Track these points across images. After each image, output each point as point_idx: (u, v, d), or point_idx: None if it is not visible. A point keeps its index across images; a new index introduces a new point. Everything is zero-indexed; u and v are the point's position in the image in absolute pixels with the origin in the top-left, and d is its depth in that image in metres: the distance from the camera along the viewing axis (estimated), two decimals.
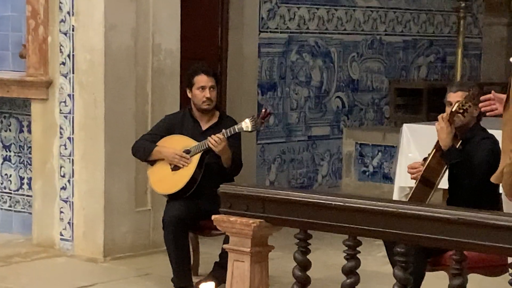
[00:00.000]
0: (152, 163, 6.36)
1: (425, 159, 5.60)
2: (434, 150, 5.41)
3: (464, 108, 5.36)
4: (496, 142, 5.50)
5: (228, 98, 8.94)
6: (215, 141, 6.06)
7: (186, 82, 6.42)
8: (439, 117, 5.39)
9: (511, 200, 4.71)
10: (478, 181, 5.31)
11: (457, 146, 5.41)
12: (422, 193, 5.38)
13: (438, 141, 5.42)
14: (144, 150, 6.36)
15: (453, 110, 5.34)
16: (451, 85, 5.85)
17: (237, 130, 6.17)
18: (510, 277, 3.63)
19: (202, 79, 6.28)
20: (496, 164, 5.39)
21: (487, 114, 5.13)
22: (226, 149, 6.13)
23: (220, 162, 6.19)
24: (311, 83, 9.73)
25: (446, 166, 5.42)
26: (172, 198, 6.27)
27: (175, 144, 6.28)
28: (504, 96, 4.95)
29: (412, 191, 5.48)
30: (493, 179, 4.87)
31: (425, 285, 5.30)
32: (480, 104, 5.12)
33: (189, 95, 6.37)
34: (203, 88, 6.27)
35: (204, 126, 6.37)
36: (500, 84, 10.89)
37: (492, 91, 5.05)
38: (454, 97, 5.47)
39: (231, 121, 6.36)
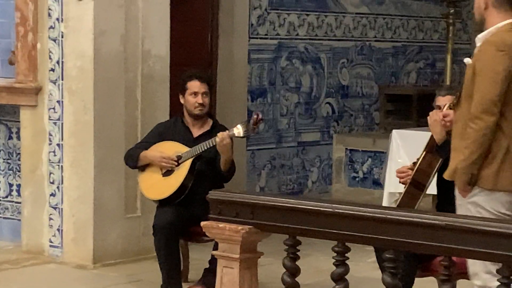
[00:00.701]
0: (143, 169, 6.36)
1: (414, 163, 5.61)
2: (425, 152, 5.42)
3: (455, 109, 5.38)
4: None
5: (218, 104, 8.95)
6: (222, 137, 6.03)
7: (179, 88, 6.42)
8: (432, 112, 5.41)
9: (465, 197, 4.76)
10: None
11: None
12: (412, 196, 5.39)
13: (428, 144, 5.43)
14: (131, 157, 6.38)
15: (445, 108, 5.35)
16: (440, 89, 5.87)
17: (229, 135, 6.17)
18: (499, 282, 3.65)
19: (195, 85, 6.29)
20: None
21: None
22: (229, 148, 6.12)
23: (212, 168, 6.20)
24: (301, 89, 9.75)
25: (436, 168, 5.42)
26: (162, 204, 6.27)
27: (167, 150, 6.29)
28: (450, 111, 5.09)
29: (402, 194, 5.48)
30: (446, 176, 4.95)
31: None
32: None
33: (182, 100, 6.38)
34: (195, 94, 6.28)
35: (196, 134, 6.37)
36: None
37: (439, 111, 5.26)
38: (443, 101, 5.47)
39: (224, 129, 6.36)
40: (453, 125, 4.94)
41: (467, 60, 4.94)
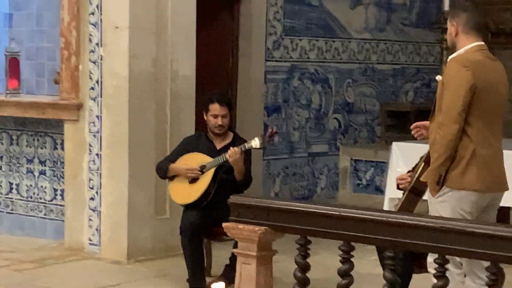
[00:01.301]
0: (172, 178, 6.37)
1: (410, 171, 5.57)
2: (423, 163, 5.38)
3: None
4: None
5: (237, 119, 8.95)
6: (232, 152, 6.06)
7: (203, 107, 6.42)
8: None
9: (434, 196, 4.82)
10: None
11: None
12: (411, 201, 5.35)
13: (427, 157, 5.39)
14: (161, 170, 6.40)
15: None
16: None
17: (247, 147, 6.17)
18: (487, 279, 3.62)
19: (216, 108, 6.29)
20: None
21: (417, 138, 5.28)
22: (240, 162, 6.13)
23: (232, 176, 6.19)
24: (311, 106, 9.74)
25: None
26: (188, 207, 6.27)
27: (192, 160, 6.29)
28: (427, 123, 5.10)
29: (402, 200, 5.45)
30: (422, 178, 4.98)
31: (412, 286, 5.28)
32: (413, 132, 5.26)
33: (205, 117, 6.39)
34: (216, 116, 6.29)
35: (219, 146, 6.37)
36: None
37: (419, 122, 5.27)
38: None
39: (243, 142, 6.36)
40: (430, 135, 4.96)
41: (438, 77, 5.00)
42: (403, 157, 7.20)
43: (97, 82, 7.28)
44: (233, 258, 5.71)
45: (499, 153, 4.91)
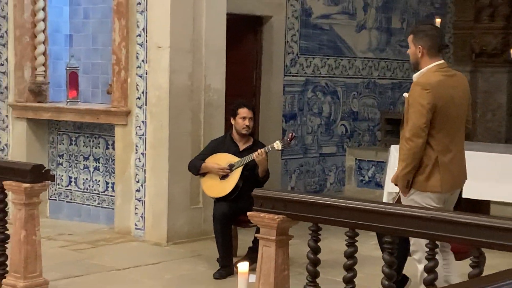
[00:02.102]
0: (204, 175, 6.38)
1: None
2: None
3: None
4: None
5: (260, 125, 8.95)
6: (259, 153, 6.09)
7: (231, 112, 6.42)
8: None
9: (405, 196, 4.82)
10: None
11: None
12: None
13: None
14: (194, 167, 6.40)
15: None
16: None
17: (270, 149, 6.18)
18: (471, 261, 3.61)
19: (244, 111, 6.30)
20: None
21: None
22: (264, 161, 6.15)
23: (254, 173, 6.20)
24: (322, 114, 9.72)
25: None
26: (219, 199, 6.28)
27: (221, 159, 6.30)
28: None
29: (398, 194, 5.42)
30: (391, 180, 5.02)
31: (407, 266, 5.26)
32: None
33: (232, 122, 6.39)
34: (244, 118, 6.29)
35: (241, 147, 6.38)
36: None
37: None
38: None
39: (261, 145, 6.38)
40: (400, 141, 4.97)
41: (405, 95, 4.99)
42: None
43: (143, 93, 7.31)
44: (255, 242, 5.71)
45: (458, 155, 4.90)
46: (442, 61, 4.90)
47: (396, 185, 4.95)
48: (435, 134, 4.74)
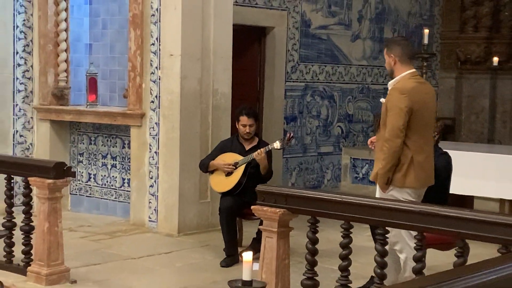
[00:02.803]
0: (212, 172, 6.37)
1: None
2: None
3: (433, 135, 5.34)
4: (449, 156, 5.46)
5: (264, 126, 8.95)
6: (258, 153, 6.08)
7: (236, 117, 6.42)
8: None
9: (384, 192, 4.85)
10: (438, 181, 5.28)
11: None
12: None
13: None
14: (204, 165, 6.38)
15: None
16: None
17: (270, 148, 6.17)
18: (456, 251, 3.60)
19: (244, 119, 6.27)
20: (450, 171, 5.38)
21: (372, 149, 5.34)
22: (264, 160, 6.13)
23: (258, 171, 6.19)
24: (320, 116, 9.71)
25: None
26: (225, 194, 6.27)
27: (227, 158, 6.29)
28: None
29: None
30: (371, 177, 5.09)
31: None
32: (369, 146, 5.35)
33: (237, 125, 6.38)
34: (244, 125, 6.28)
35: (247, 147, 6.36)
36: (449, 118, 10.81)
37: (373, 137, 5.29)
38: None
39: (265, 144, 6.35)
40: (376, 142, 4.98)
41: (382, 100, 5.02)
42: None
43: (156, 97, 7.31)
44: (259, 233, 5.72)
45: (431, 155, 4.97)
46: (414, 69, 4.98)
47: (374, 182, 4.97)
48: (411, 135, 4.79)
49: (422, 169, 4.81)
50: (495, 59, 10.54)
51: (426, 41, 8.71)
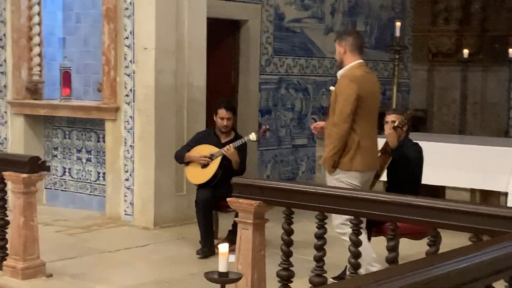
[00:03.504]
0: (188, 163, 6.36)
1: None
2: (380, 153, 5.38)
3: (403, 124, 5.41)
4: (420, 147, 5.52)
5: (239, 118, 8.93)
6: (227, 148, 6.09)
7: (213, 110, 6.40)
8: (388, 127, 5.44)
9: (331, 175, 5.02)
10: (410, 172, 5.34)
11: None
12: (385, 159, 5.41)
13: (383, 148, 5.41)
14: (180, 157, 6.37)
15: (396, 124, 5.38)
16: (388, 110, 5.90)
17: (245, 140, 6.17)
18: (428, 240, 3.64)
19: (222, 112, 6.26)
20: (421, 162, 5.44)
21: (316, 135, 5.50)
22: (234, 155, 6.13)
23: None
24: (295, 109, 9.74)
25: (387, 163, 5.39)
26: (201, 186, 6.27)
27: (203, 150, 6.28)
28: (322, 123, 5.37)
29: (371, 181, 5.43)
30: (320, 162, 5.26)
31: (372, 246, 5.29)
32: (313, 131, 5.53)
33: (214, 118, 6.37)
34: (222, 118, 6.27)
35: (223, 140, 6.35)
36: (421, 110, 10.90)
37: (316, 123, 5.50)
38: (389, 118, 5.52)
39: (240, 137, 6.35)
40: (325, 130, 5.14)
41: (331, 88, 5.16)
42: None
43: (131, 90, 7.28)
44: (234, 225, 5.72)
45: (376, 141, 5.17)
46: (362, 60, 5.17)
47: (323, 167, 5.06)
48: (358, 121, 4.96)
49: (368, 154, 4.99)
50: (466, 52, 10.64)
51: (398, 34, 8.77)
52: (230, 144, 6.11)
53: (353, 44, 5.05)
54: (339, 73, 5.11)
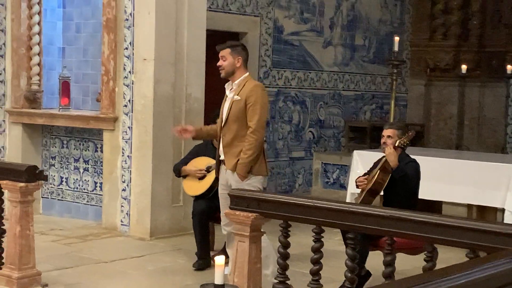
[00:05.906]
0: (185, 176, 6.35)
1: (366, 174, 5.56)
2: (379, 170, 5.33)
3: (405, 144, 5.38)
4: (418, 163, 5.51)
5: None
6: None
7: (212, 120, 6.39)
8: (387, 147, 5.39)
9: (243, 181, 5.11)
10: (408, 189, 5.32)
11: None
12: (369, 200, 5.36)
13: (382, 164, 5.36)
14: (177, 170, 6.37)
15: (397, 144, 5.35)
16: (386, 123, 5.88)
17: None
18: (425, 256, 3.63)
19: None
20: (419, 178, 5.41)
21: (180, 138, 5.68)
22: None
23: None
24: (292, 121, 9.75)
25: (386, 181, 5.35)
26: (198, 198, 6.26)
27: (200, 163, 6.28)
28: (190, 127, 5.64)
29: (361, 199, 5.42)
30: (227, 167, 5.23)
31: (368, 260, 5.28)
32: (176, 134, 5.70)
33: None
34: None
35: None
36: (418, 124, 10.92)
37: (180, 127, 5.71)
38: (386, 132, 5.50)
39: None
40: (222, 138, 5.26)
41: (236, 97, 5.20)
42: (362, 162, 7.22)
43: (129, 101, 7.28)
44: None
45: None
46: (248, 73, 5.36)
47: (238, 172, 5.13)
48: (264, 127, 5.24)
49: (265, 158, 5.25)
50: (464, 67, 10.67)
51: (396, 48, 8.79)
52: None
53: (245, 59, 5.28)
54: (236, 83, 5.22)
